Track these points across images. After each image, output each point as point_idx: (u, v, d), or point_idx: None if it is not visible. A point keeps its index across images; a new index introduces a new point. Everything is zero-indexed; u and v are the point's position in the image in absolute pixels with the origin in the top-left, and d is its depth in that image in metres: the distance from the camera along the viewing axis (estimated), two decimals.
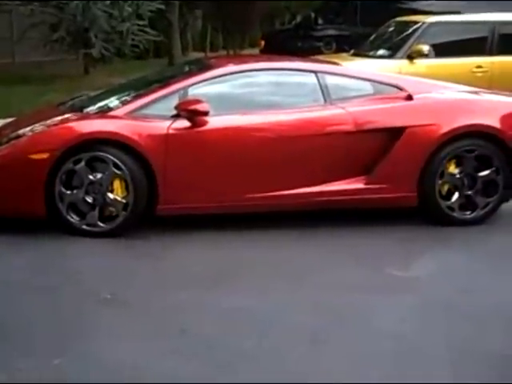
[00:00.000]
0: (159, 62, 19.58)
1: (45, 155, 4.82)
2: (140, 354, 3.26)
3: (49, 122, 5.19)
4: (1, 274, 4.26)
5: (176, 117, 5.00)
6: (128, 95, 5.62)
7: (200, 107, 4.95)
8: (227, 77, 5.44)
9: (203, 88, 5.25)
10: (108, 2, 15.08)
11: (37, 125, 5.16)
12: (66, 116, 5.31)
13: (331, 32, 18.23)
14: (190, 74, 5.58)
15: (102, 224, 4.91)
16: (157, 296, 3.98)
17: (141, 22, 15.80)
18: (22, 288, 4.06)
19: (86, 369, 3.12)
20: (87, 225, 4.90)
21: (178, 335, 3.48)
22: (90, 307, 3.81)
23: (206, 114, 4.97)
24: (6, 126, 6.19)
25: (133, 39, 15.81)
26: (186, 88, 5.20)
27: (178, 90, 5.18)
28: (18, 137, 5.08)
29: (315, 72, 5.47)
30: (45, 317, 3.67)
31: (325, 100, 5.33)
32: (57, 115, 5.39)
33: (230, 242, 4.90)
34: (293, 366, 3.17)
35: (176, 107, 5.00)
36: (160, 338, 3.44)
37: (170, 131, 4.94)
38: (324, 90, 5.35)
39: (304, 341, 3.42)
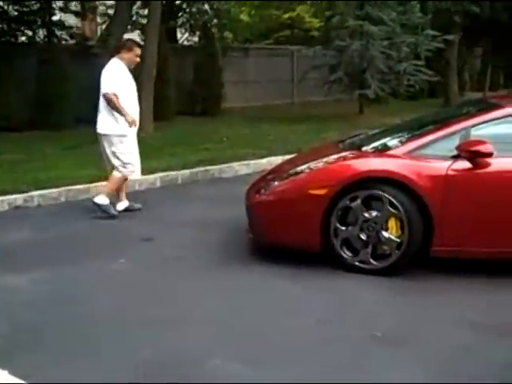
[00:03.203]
0: (433, 102, 19.36)
1: (323, 191, 4.94)
2: None
3: (327, 159, 5.34)
4: (260, 299, 4.45)
5: (456, 157, 4.85)
6: (406, 135, 5.59)
7: (483, 148, 4.74)
8: None
9: (486, 129, 5.02)
10: (386, 43, 15.32)
11: (314, 162, 5.34)
12: (344, 154, 5.42)
13: None
14: (473, 115, 5.39)
15: (374, 262, 4.91)
16: (430, 337, 3.88)
17: (418, 62, 15.79)
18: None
19: None
20: (360, 261, 4.94)
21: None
22: (359, 342, 3.81)
23: (489, 155, 4.75)
24: (285, 162, 6.52)
25: (408, 79, 15.86)
26: (467, 128, 5.03)
27: (459, 131, 5.02)
28: (297, 173, 5.28)
29: None
30: (313, 346, 3.76)
31: None
32: (335, 153, 5.53)
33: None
34: None
35: (457, 148, 4.84)
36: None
37: (450, 172, 4.79)
38: None
39: None
